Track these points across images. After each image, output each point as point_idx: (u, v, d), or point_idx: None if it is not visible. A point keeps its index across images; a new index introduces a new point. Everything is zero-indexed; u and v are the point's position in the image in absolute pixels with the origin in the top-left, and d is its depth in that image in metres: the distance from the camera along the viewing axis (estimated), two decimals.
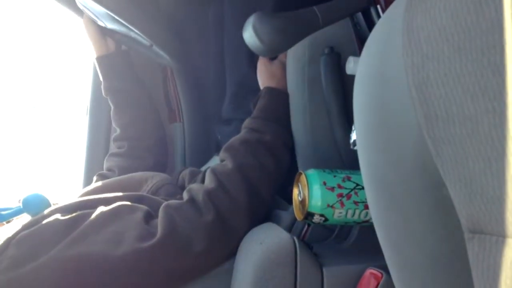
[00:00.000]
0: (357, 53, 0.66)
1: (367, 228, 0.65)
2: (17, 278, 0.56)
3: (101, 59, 1.08)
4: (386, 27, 0.32)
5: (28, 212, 0.69)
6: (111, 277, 0.59)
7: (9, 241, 0.59)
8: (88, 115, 1.22)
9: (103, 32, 1.08)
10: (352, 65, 0.60)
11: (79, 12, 1.08)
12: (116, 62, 1.08)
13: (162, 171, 1.01)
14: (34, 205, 0.68)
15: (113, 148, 1.12)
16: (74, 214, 0.63)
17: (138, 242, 0.60)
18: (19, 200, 0.71)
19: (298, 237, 0.65)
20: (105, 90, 1.09)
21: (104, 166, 1.09)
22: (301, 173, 0.63)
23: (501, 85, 0.23)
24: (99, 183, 0.86)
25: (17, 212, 0.69)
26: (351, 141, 0.59)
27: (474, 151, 0.25)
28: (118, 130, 1.10)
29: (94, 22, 1.06)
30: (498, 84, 0.23)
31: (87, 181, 1.20)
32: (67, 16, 1.13)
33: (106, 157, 1.10)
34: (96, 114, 1.22)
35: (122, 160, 1.05)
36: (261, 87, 0.83)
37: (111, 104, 1.09)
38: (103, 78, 1.08)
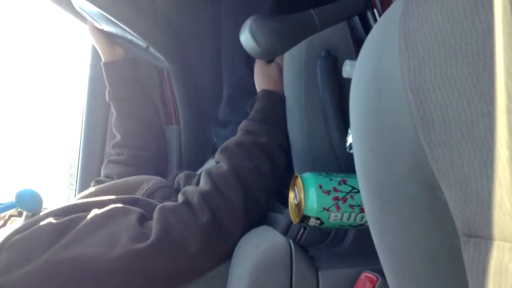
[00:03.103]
0: (354, 56, 0.66)
1: (363, 232, 0.65)
2: (10, 282, 0.55)
3: (107, 66, 1.07)
4: (383, 31, 0.32)
5: (21, 207, 0.69)
6: (106, 279, 0.59)
7: (2, 246, 0.58)
8: (83, 119, 1.22)
9: (110, 39, 1.08)
10: (348, 68, 0.60)
11: (83, 19, 1.07)
12: (123, 69, 1.07)
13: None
14: (27, 200, 0.68)
15: (111, 154, 1.11)
16: (67, 217, 0.63)
17: (133, 244, 0.60)
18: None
19: (294, 240, 0.65)
20: (109, 96, 1.08)
21: (102, 173, 1.08)
22: (297, 176, 0.63)
23: (497, 89, 0.23)
24: (95, 188, 0.86)
25: (9, 207, 0.69)
26: (347, 144, 0.59)
27: (469, 155, 0.25)
28: (118, 137, 1.08)
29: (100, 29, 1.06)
30: (494, 88, 0.23)
31: (82, 184, 1.19)
32: (66, 20, 1.13)
33: (104, 164, 1.08)
34: (92, 118, 1.21)
35: (122, 167, 1.04)
36: (258, 89, 0.83)
37: (114, 111, 1.08)
38: (108, 84, 1.07)
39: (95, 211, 0.65)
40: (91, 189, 0.86)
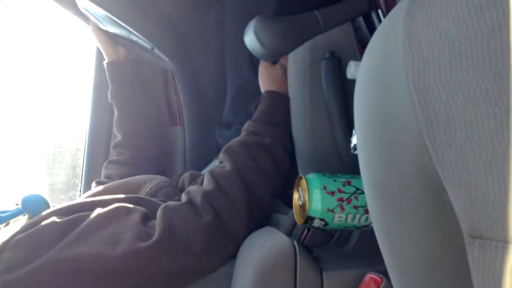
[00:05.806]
0: (358, 57, 0.66)
1: (367, 233, 0.65)
2: (14, 280, 0.55)
3: (110, 65, 1.08)
4: (387, 32, 0.32)
5: (27, 213, 0.69)
6: (109, 278, 0.59)
7: (5, 244, 0.59)
8: (88, 120, 1.22)
9: (113, 39, 1.08)
10: (352, 69, 0.60)
11: (86, 19, 1.08)
12: (125, 70, 1.08)
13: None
14: (33, 205, 0.68)
15: (112, 154, 1.11)
16: (71, 216, 0.63)
17: (136, 242, 0.60)
18: (16, 204, 0.70)
19: (298, 241, 0.65)
20: (112, 96, 1.08)
21: (103, 173, 1.08)
22: (301, 177, 0.63)
23: (502, 90, 0.23)
24: (99, 187, 0.86)
25: (16, 214, 0.69)
26: (352, 145, 0.59)
27: (474, 156, 0.25)
28: (119, 137, 1.09)
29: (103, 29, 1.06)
30: (499, 89, 0.23)
31: (87, 185, 1.20)
32: (70, 20, 1.14)
33: (105, 164, 1.09)
34: (97, 119, 1.22)
35: (123, 168, 1.05)
36: (262, 91, 0.83)
37: (115, 111, 1.09)
38: (110, 84, 1.08)
39: (98, 210, 0.65)
40: (95, 189, 0.87)
